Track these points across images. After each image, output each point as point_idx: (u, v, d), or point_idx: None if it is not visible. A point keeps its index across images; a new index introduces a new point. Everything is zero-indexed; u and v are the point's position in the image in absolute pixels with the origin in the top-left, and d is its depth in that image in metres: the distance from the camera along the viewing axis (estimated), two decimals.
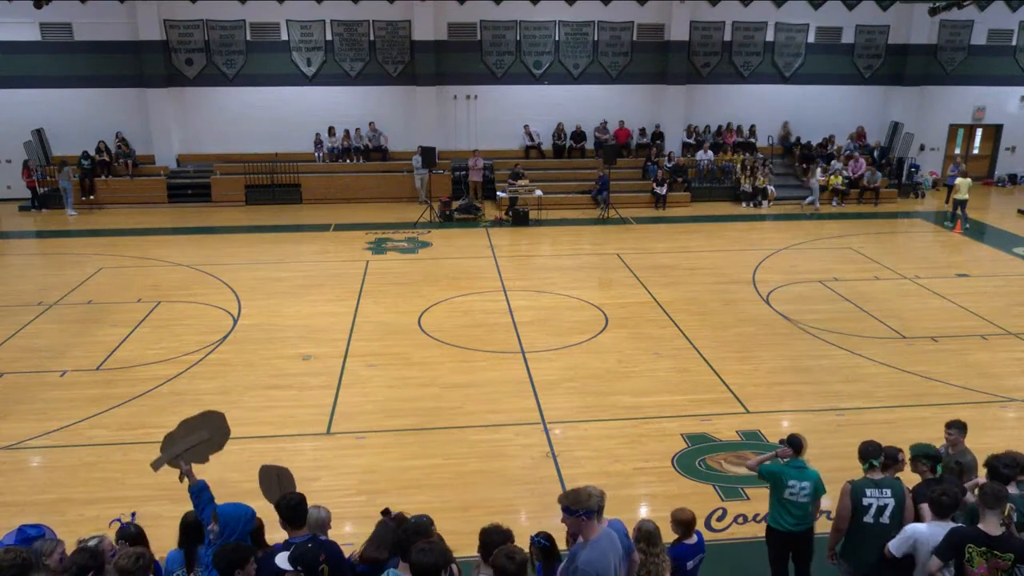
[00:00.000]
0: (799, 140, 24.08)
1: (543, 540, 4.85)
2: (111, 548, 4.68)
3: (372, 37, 22.41)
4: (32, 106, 21.60)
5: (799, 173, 23.53)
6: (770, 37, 23.59)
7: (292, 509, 4.83)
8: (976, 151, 25.75)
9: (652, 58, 23.30)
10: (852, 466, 6.04)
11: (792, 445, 5.99)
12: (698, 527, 5.71)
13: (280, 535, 4.95)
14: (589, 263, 16.68)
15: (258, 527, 5.11)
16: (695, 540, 5.56)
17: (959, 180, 19.67)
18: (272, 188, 22.03)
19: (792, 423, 9.55)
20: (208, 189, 21.98)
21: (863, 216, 20.94)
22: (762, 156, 23.19)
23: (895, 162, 23.54)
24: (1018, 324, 12.72)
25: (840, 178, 22.18)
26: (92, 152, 21.48)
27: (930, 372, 10.91)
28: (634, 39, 23.16)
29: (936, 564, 4.79)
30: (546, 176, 22.20)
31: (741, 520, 7.55)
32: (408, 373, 10.91)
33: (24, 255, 17.86)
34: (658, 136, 23.56)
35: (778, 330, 12.53)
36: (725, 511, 7.69)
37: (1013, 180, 25.49)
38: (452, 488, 8.10)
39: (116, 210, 21.33)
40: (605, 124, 23.42)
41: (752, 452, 8.74)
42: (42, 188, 21.13)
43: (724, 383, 10.56)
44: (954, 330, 12.50)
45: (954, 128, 25.23)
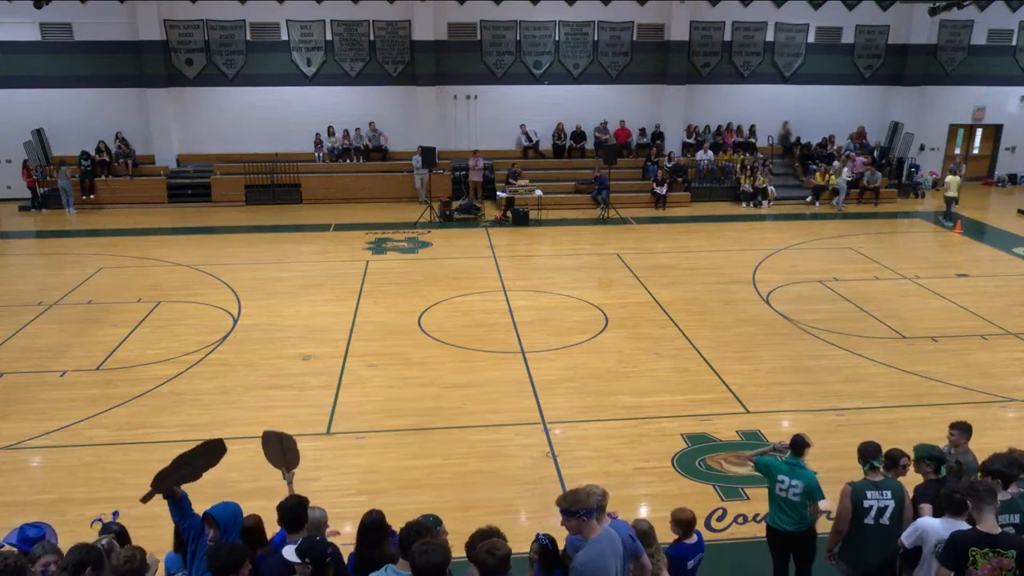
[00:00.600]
0: (799, 140, 24.08)
1: (546, 540, 4.79)
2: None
3: (372, 37, 22.41)
4: (32, 106, 21.60)
5: (799, 173, 23.56)
6: (770, 37, 23.60)
7: (292, 510, 4.83)
8: (976, 151, 25.76)
9: (652, 58, 23.30)
10: (852, 466, 6.04)
11: (792, 444, 6.01)
12: (698, 527, 5.71)
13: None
14: (589, 263, 16.68)
15: (258, 525, 5.10)
16: (695, 540, 5.56)
17: (949, 178, 20.13)
18: (272, 188, 22.03)
19: (792, 423, 9.55)
20: (208, 189, 21.98)
21: (863, 216, 20.94)
22: (762, 156, 23.19)
23: (895, 162, 23.55)
24: (1018, 324, 12.72)
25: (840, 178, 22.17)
26: (92, 152, 21.48)
27: (930, 372, 10.91)
28: (634, 39, 23.16)
29: (945, 573, 4.78)
30: (546, 176, 22.20)
31: (741, 520, 7.55)
32: (408, 373, 10.91)
33: (24, 255, 17.86)
34: (658, 136, 23.56)
35: (778, 330, 12.53)
36: (725, 511, 7.69)
37: (1013, 180, 25.49)
38: (452, 488, 8.10)
39: (116, 210, 21.33)
40: (605, 124, 23.42)
41: (752, 452, 8.76)
42: (42, 188, 21.14)
43: (724, 383, 10.56)
44: (954, 330, 12.50)
45: (954, 128, 25.24)
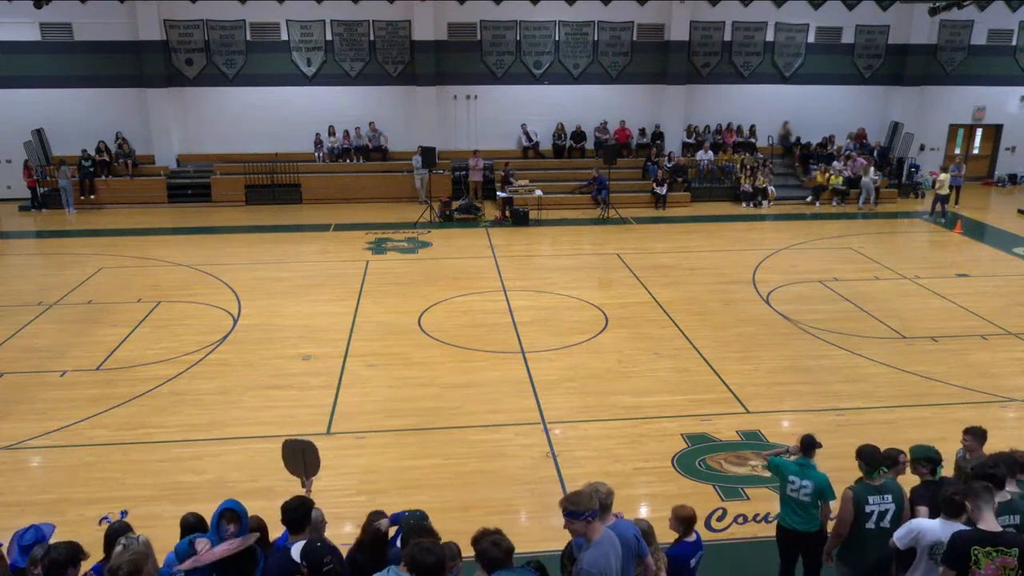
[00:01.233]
0: (799, 140, 24.08)
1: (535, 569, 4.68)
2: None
3: (372, 37, 22.41)
4: (32, 106, 21.60)
5: (799, 173, 23.56)
6: (770, 37, 23.60)
7: (295, 511, 4.83)
8: (976, 151, 25.76)
9: (652, 58, 23.30)
10: (852, 466, 6.03)
11: (801, 444, 6.04)
12: (698, 526, 5.71)
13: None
14: (589, 263, 16.68)
15: (261, 526, 5.10)
16: (694, 538, 5.56)
17: (942, 176, 20.49)
18: (272, 188, 22.03)
19: (792, 423, 9.55)
20: (208, 189, 21.98)
21: (863, 216, 20.94)
22: (762, 156, 23.19)
23: (895, 162, 23.54)
24: (1018, 324, 12.72)
25: (840, 178, 22.18)
26: (92, 152, 21.48)
27: (930, 372, 10.91)
28: (634, 39, 23.15)
29: (949, 574, 4.76)
30: (546, 176, 22.19)
31: (741, 520, 7.55)
32: (408, 373, 10.91)
33: (24, 255, 17.86)
34: (658, 136, 23.55)
35: (778, 330, 12.52)
36: (725, 511, 7.69)
37: (1013, 180, 25.49)
38: (452, 488, 8.10)
39: (116, 210, 21.33)
40: (605, 124, 23.41)
41: (752, 452, 8.78)
42: (42, 188, 21.14)
43: (724, 383, 10.56)
44: (954, 330, 12.50)
45: (954, 128, 25.24)
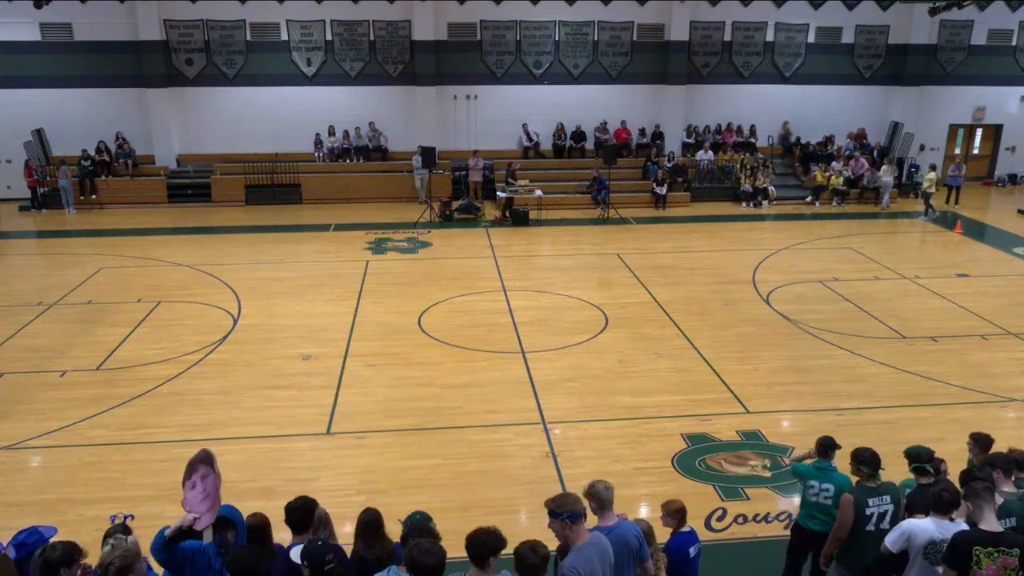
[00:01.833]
0: (799, 140, 24.08)
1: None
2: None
3: (372, 37, 22.41)
4: (32, 106, 21.60)
5: (799, 173, 23.55)
6: (770, 37, 23.59)
7: (296, 511, 4.83)
8: (976, 151, 25.76)
9: (652, 58, 23.30)
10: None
11: (819, 446, 6.04)
12: (698, 527, 5.71)
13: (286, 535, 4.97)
14: (589, 263, 16.68)
15: (265, 525, 5.09)
16: (689, 529, 5.57)
17: (930, 175, 20.66)
18: (272, 188, 22.03)
19: (792, 423, 9.56)
20: (208, 189, 21.97)
21: (863, 216, 20.95)
22: (762, 156, 23.19)
23: (895, 162, 23.53)
24: (1018, 324, 12.72)
25: (840, 178, 22.19)
26: (92, 152, 21.48)
27: (930, 372, 10.91)
28: (634, 39, 23.15)
29: (950, 574, 4.77)
30: (546, 176, 22.20)
31: (741, 520, 7.55)
32: (408, 373, 10.90)
33: (24, 255, 17.86)
34: (658, 136, 23.55)
35: (778, 330, 12.52)
36: (725, 511, 7.69)
37: (1013, 180, 25.49)
38: (452, 488, 8.10)
39: (116, 210, 21.33)
40: (605, 124, 23.41)
41: (752, 452, 8.78)
42: (42, 188, 21.14)
43: (724, 383, 10.56)
44: (954, 330, 12.50)
45: (954, 128, 25.23)
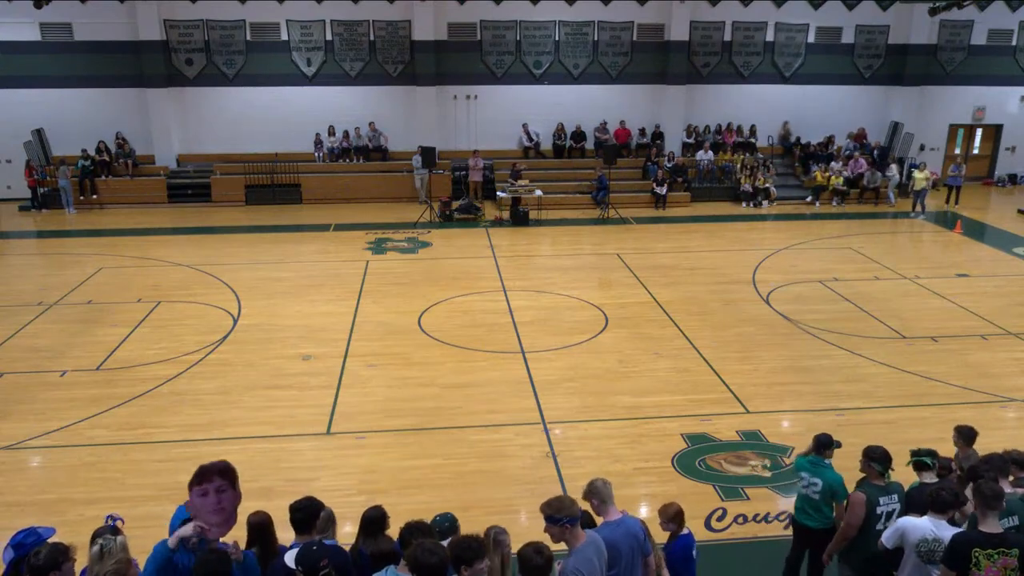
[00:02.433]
0: (799, 140, 24.08)
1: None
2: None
3: (372, 37, 22.41)
4: (32, 106, 21.60)
5: (799, 173, 23.56)
6: (770, 37, 23.59)
7: (297, 511, 4.82)
8: (976, 151, 25.76)
9: (652, 58, 23.30)
10: (852, 466, 6.04)
11: (814, 442, 6.11)
12: (698, 526, 5.71)
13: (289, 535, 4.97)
14: (589, 263, 16.68)
15: (267, 523, 5.09)
16: (687, 531, 5.58)
17: (916, 174, 20.74)
18: (272, 188, 22.03)
19: (792, 423, 9.56)
20: (208, 189, 21.97)
21: (863, 216, 20.95)
22: (762, 156, 23.19)
23: (895, 162, 23.53)
24: (1018, 324, 12.72)
25: (840, 178, 22.19)
26: (92, 152, 21.48)
27: (930, 372, 10.91)
28: (634, 39, 23.15)
29: (947, 574, 4.77)
30: (546, 176, 22.20)
31: (741, 520, 7.55)
32: (408, 373, 10.90)
33: (24, 255, 17.86)
34: (658, 136, 23.55)
35: (778, 330, 12.52)
36: (725, 511, 7.69)
37: (1013, 180, 25.49)
38: (452, 488, 8.10)
39: (116, 210, 21.33)
40: (605, 124, 23.41)
41: (752, 452, 8.78)
42: (42, 188, 21.14)
43: (724, 383, 10.56)
44: (954, 330, 12.50)
45: (954, 128, 25.24)
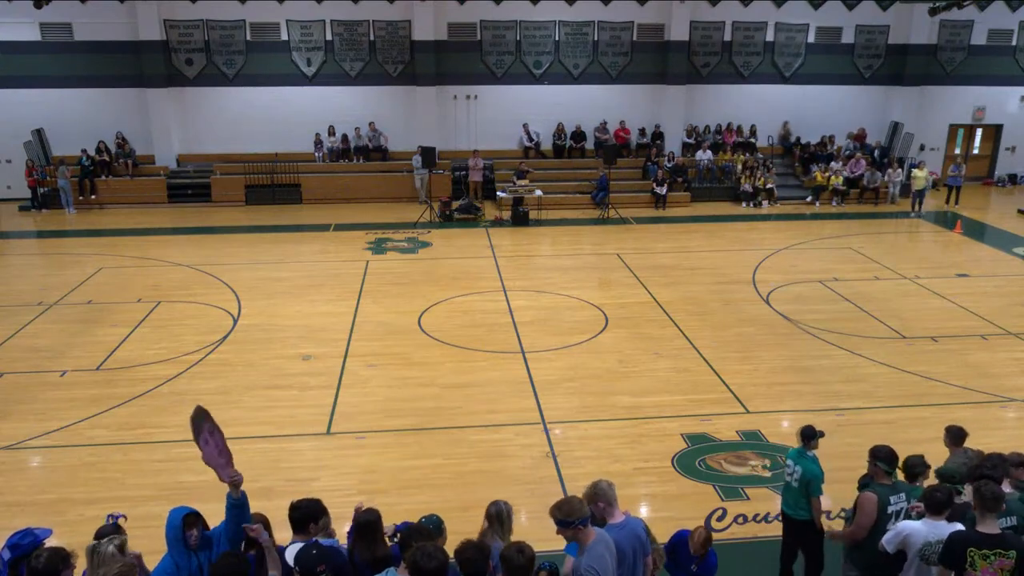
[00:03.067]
0: (799, 140, 24.08)
1: (549, 565, 4.65)
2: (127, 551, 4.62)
3: (372, 37, 22.41)
4: (32, 106, 21.60)
5: (799, 173, 23.56)
6: (770, 37, 23.59)
7: (295, 510, 4.82)
8: (976, 151, 25.76)
9: (652, 58, 23.30)
10: (852, 466, 6.07)
11: (799, 435, 6.19)
12: (697, 527, 5.70)
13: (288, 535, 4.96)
14: (589, 263, 16.68)
15: (265, 524, 5.09)
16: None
17: (917, 172, 20.76)
18: (272, 188, 22.03)
19: (792, 423, 9.54)
20: (208, 189, 21.98)
21: (863, 216, 20.95)
22: (762, 156, 23.19)
23: (895, 162, 23.52)
24: (1018, 324, 12.72)
25: (840, 178, 22.19)
26: (92, 152, 21.48)
27: (930, 372, 10.91)
28: (634, 39, 23.15)
29: (944, 573, 4.77)
30: (546, 176, 22.20)
31: (741, 520, 7.55)
32: (408, 373, 10.90)
33: (24, 255, 17.86)
34: (658, 136, 23.55)
35: (778, 330, 12.52)
36: (725, 511, 7.69)
37: (1013, 180, 25.50)
38: (452, 488, 8.10)
39: (116, 210, 21.33)
40: (605, 124, 23.41)
41: (752, 452, 8.78)
42: (42, 188, 21.14)
43: (724, 383, 10.56)
44: (954, 330, 12.50)
45: (954, 128, 25.24)
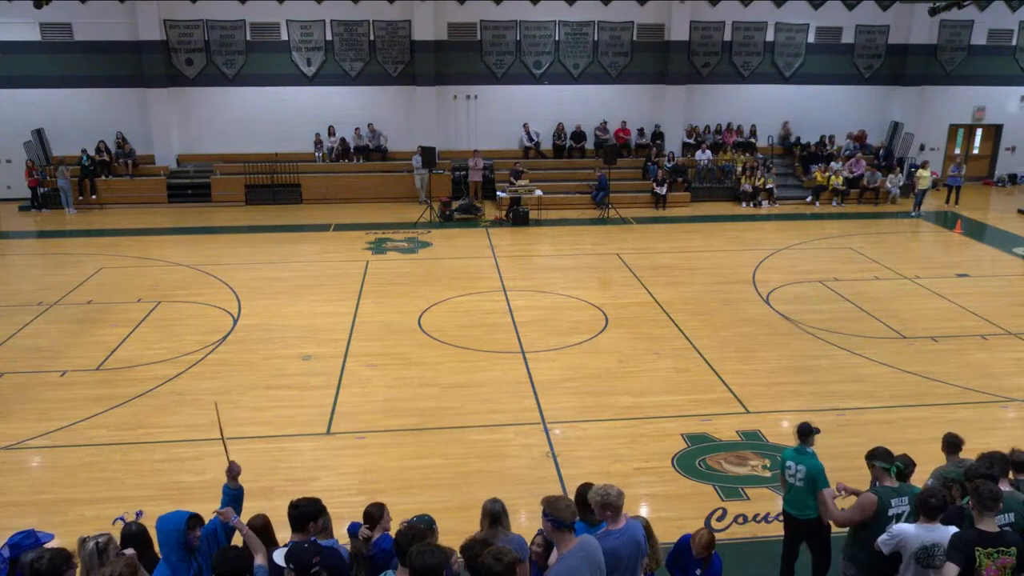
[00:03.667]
0: (799, 140, 24.08)
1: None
2: (116, 550, 4.65)
3: (372, 37, 22.41)
4: (32, 106, 21.60)
5: (799, 173, 23.56)
6: (770, 37, 23.59)
7: (293, 509, 4.82)
8: (976, 151, 25.77)
9: (652, 58, 23.30)
10: (852, 466, 6.08)
11: (797, 432, 6.21)
12: (698, 527, 5.71)
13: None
14: (589, 263, 16.68)
15: (266, 525, 5.09)
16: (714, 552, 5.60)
17: (922, 172, 20.76)
18: (272, 188, 22.03)
19: (792, 423, 9.47)
20: (208, 189, 21.98)
21: (863, 216, 20.95)
22: (762, 156, 23.19)
23: (896, 162, 23.53)
24: (1018, 324, 12.72)
25: (840, 178, 22.19)
26: (92, 152, 21.48)
27: (930, 372, 10.91)
28: (634, 39, 23.16)
29: (954, 571, 4.77)
30: (546, 176, 22.20)
31: (741, 520, 7.55)
32: (408, 373, 10.90)
33: (24, 255, 17.86)
34: (658, 136, 23.56)
35: (778, 330, 12.52)
36: (725, 511, 7.69)
37: (1013, 180, 25.50)
38: (452, 488, 8.10)
39: (116, 210, 21.33)
40: (605, 124, 23.41)
41: (752, 452, 8.78)
42: (42, 188, 21.14)
43: (724, 383, 10.56)
44: (954, 330, 12.50)
45: (954, 128, 25.23)
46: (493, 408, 9.85)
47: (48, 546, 4.65)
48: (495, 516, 5.13)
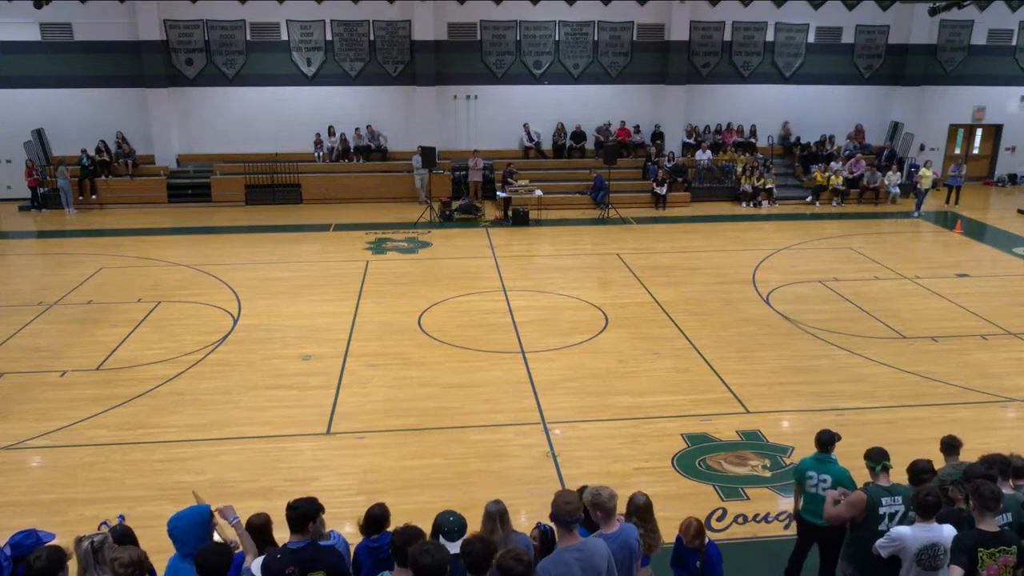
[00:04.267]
0: (799, 140, 24.08)
1: (547, 527, 4.83)
2: (112, 548, 4.65)
3: (372, 37, 22.41)
4: (32, 106, 21.60)
5: (799, 173, 23.56)
6: (770, 37, 23.59)
7: (291, 509, 4.80)
8: (976, 151, 25.76)
9: (652, 58, 23.30)
10: (852, 466, 6.06)
11: (816, 440, 6.16)
12: (685, 519, 5.66)
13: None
14: (589, 263, 16.68)
15: (266, 524, 5.08)
16: (708, 540, 5.59)
17: (924, 171, 20.83)
18: (272, 188, 22.03)
19: (792, 423, 9.55)
20: (208, 189, 21.98)
21: (863, 216, 20.95)
22: (762, 156, 23.20)
23: (896, 162, 23.52)
24: (1018, 324, 12.72)
25: (840, 178, 22.20)
26: (92, 152, 21.48)
27: (930, 372, 10.91)
28: (634, 39, 23.16)
29: (959, 573, 4.77)
30: (546, 176, 22.20)
31: (741, 520, 7.55)
32: (408, 373, 10.90)
33: (24, 255, 17.85)
34: (658, 136, 23.56)
35: (778, 330, 12.52)
36: (725, 511, 7.69)
37: (1013, 180, 25.49)
38: (452, 488, 8.10)
39: (116, 210, 21.33)
40: (608, 125, 23.42)
41: (752, 452, 8.78)
42: (42, 188, 21.14)
43: (724, 383, 10.55)
44: (954, 330, 12.50)
45: (954, 128, 25.23)
46: (493, 408, 9.85)
47: (44, 545, 4.66)
48: (499, 518, 5.13)
